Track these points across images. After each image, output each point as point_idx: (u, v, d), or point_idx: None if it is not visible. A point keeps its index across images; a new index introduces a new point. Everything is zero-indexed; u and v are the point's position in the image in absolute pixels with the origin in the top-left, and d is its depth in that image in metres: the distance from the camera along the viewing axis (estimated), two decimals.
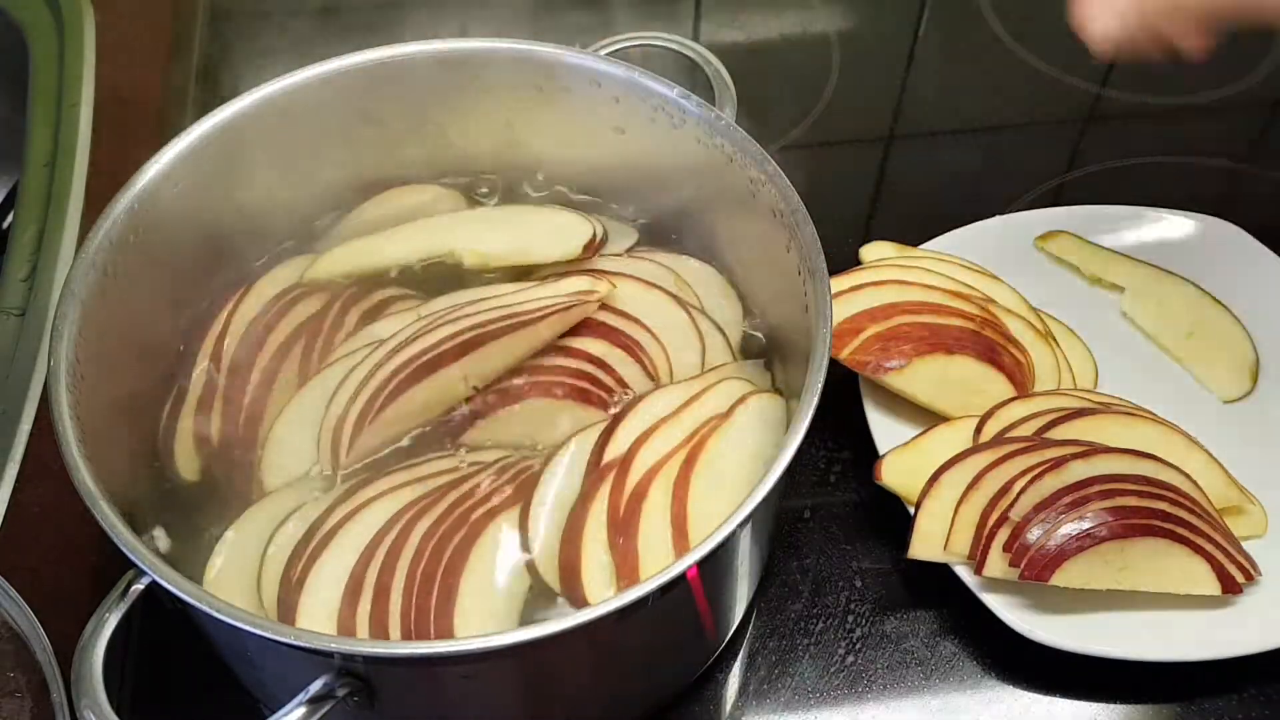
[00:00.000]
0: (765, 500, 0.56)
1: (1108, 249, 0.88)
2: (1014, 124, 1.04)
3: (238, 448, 0.69)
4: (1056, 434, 0.75)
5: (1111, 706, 0.72)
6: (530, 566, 0.64)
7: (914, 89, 1.07)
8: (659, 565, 0.56)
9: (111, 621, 0.57)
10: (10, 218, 0.91)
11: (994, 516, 0.71)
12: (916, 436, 0.76)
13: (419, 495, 0.66)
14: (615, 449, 0.66)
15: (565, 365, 0.71)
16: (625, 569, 0.62)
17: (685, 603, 0.61)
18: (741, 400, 0.68)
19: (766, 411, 0.68)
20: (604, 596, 0.59)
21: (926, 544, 0.72)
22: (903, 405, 0.79)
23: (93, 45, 1.01)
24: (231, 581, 0.64)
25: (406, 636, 0.61)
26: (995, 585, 0.71)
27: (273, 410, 0.70)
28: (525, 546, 0.64)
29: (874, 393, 0.79)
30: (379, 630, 0.62)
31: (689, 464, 0.65)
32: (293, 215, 0.78)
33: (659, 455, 0.66)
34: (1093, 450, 0.72)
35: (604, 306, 0.72)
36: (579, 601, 0.62)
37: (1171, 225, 0.89)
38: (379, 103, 0.75)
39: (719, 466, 0.65)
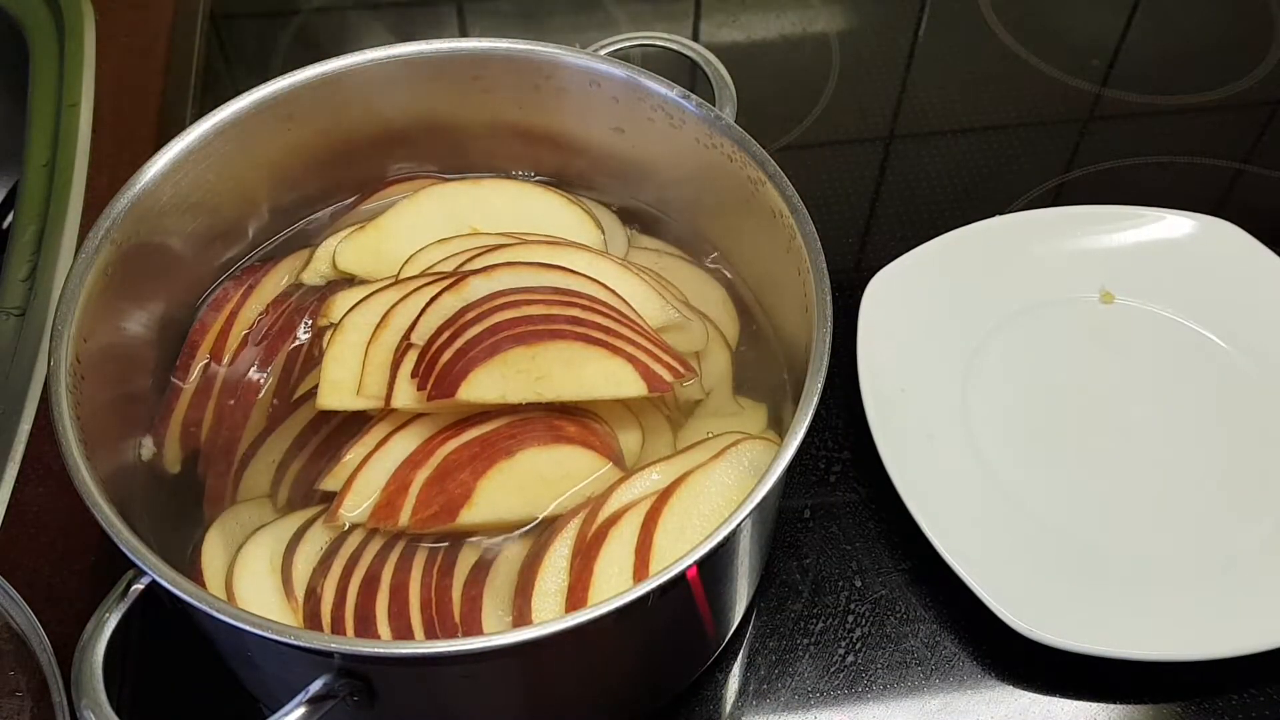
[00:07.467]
0: (765, 500, 0.56)
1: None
2: (1014, 124, 1.04)
3: (225, 449, 0.69)
4: (477, 264, 0.71)
5: (1111, 706, 0.72)
6: None
7: (914, 89, 1.07)
8: (612, 591, 0.57)
9: (111, 621, 0.57)
10: (10, 218, 0.91)
11: (402, 348, 0.67)
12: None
13: None
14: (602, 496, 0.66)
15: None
16: (577, 590, 0.61)
17: (685, 603, 0.61)
18: (733, 444, 0.67)
19: (758, 459, 0.66)
20: (549, 617, 0.59)
21: (337, 392, 0.67)
22: (904, 404, 0.80)
23: (93, 45, 1.01)
24: (216, 579, 0.64)
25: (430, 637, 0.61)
26: (996, 585, 0.71)
27: (257, 418, 0.70)
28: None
29: (874, 393, 0.79)
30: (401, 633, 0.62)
31: (664, 498, 0.64)
32: (293, 214, 0.78)
33: (637, 495, 0.65)
34: (496, 267, 0.69)
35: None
36: (524, 619, 0.61)
37: (1171, 225, 0.89)
38: (378, 102, 0.75)
39: (693, 505, 0.64)
